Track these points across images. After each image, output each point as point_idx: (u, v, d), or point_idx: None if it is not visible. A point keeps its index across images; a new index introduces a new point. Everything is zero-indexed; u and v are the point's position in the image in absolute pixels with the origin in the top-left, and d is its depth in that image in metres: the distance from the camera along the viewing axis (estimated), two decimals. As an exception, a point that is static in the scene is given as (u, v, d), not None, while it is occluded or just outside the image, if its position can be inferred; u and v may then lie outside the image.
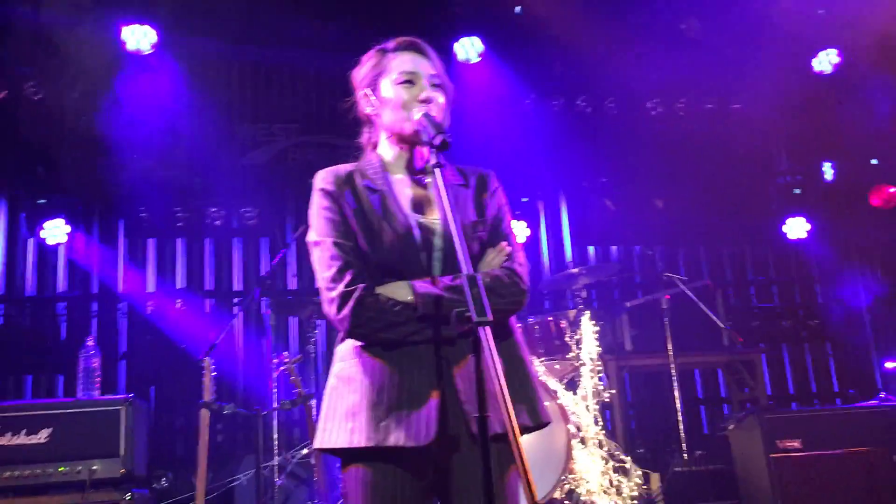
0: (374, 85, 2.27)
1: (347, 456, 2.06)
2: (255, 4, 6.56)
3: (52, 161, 6.85)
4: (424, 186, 2.22)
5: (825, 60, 7.40)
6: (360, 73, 2.32)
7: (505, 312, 2.10)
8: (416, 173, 2.25)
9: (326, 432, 2.06)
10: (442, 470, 2.03)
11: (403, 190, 2.21)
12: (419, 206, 2.18)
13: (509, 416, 1.67)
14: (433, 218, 2.15)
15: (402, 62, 2.22)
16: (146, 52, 6.33)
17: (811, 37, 7.20)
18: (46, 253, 7.09)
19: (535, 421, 2.11)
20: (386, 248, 2.08)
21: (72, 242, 6.89)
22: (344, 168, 2.24)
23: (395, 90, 2.20)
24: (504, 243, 2.18)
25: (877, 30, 6.71)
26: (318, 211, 2.17)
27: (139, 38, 6.28)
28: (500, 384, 1.69)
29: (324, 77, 7.63)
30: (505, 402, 1.68)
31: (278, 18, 6.63)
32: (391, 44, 2.29)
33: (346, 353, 2.12)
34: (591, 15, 6.73)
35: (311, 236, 2.16)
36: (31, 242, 7.07)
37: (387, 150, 2.28)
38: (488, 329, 1.74)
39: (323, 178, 2.21)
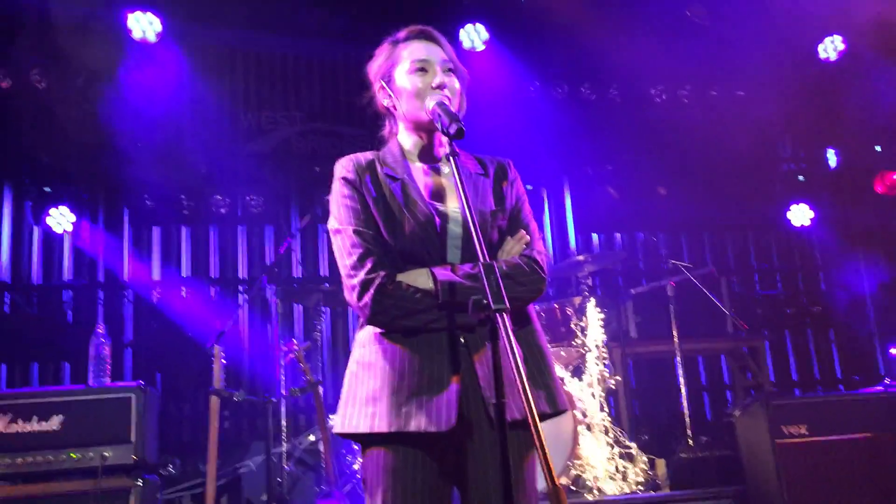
0: (388, 76, 2.28)
1: (368, 441, 2.08)
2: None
3: (57, 149, 6.86)
4: (445, 175, 2.24)
5: (830, 47, 7.40)
6: (375, 66, 2.33)
7: (524, 300, 2.12)
8: (435, 161, 2.26)
9: (347, 417, 2.08)
10: (460, 456, 2.05)
11: (423, 178, 2.22)
12: (438, 194, 2.19)
13: (528, 402, 1.67)
14: (452, 206, 2.16)
15: (414, 50, 2.23)
16: (151, 41, 6.32)
17: (816, 23, 7.19)
18: (52, 241, 7.12)
19: (553, 408, 2.13)
20: (407, 236, 2.09)
21: (77, 230, 6.91)
22: (364, 156, 2.25)
23: (409, 79, 2.21)
24: (523, 232, 2.19)
25: (882, 17, 6.70)
26: (338, 199, 2.18)
27: (144, 26, 6.28)
28: (518, 370, 1.69)
29: (329, 66, 7.64)
30: (524, 388, 1.68)
31: (284, 6, 6.62)
32: (402, 33, 2.30)
33: (366, 339, 2.13)
34: (595, 1, 6.72)
35: (332, 224, 2.18)
36: (36, 230, 7.09)
37: (406, 139, 2.29)
38: (506, 316, 1.74)
39: (343, 167, 2.22)
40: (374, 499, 2.03)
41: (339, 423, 2.10)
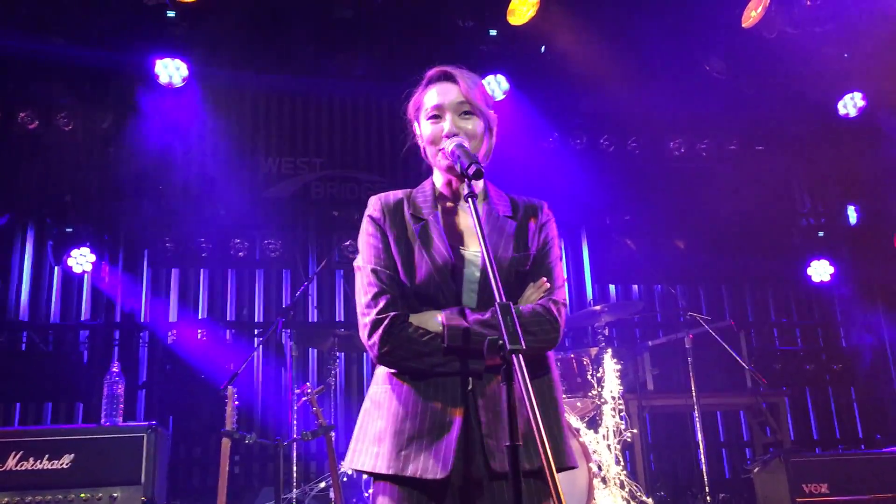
0: (417, 120, 2.30)
1: (374, 477, 2.09)
2: (286, 38, 6.67)
3: (80, 190, 6.97)
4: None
5: (850, 104, 7.41)
6: (409, 108, 2.34)
7: (537, 350, 2.09)
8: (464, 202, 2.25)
9: (356, 453, 2.09)
10: (466, 503, 2.00)
11: (452, 219, 2.21)
12: (461, 236, 2.18)
13: (543, 448, 1.63)
14: (472, 249, 2.15)
15: (431, 96, 2.23)
16: (177, 86, 6.43)
17: (836, 80, 7.21)
18: (71, 281, 7.16)
19: (560, 463, 2.07)
20: (423, 277, 2.09)
21: (97, 271, 6.96)
22: (394, 195, 2.26)
23: (426, 126, 2.22)
24: (544, 279, 2.16)
25: (902, 74, 6.73)
26: (364, 237, 2.20)
27: (171, 71, 6.39)
28: (534, 415, 1.65)
29: (350, 110, 7.75)
30: (539, 435, 1.64)
31: (307, 51, 6.72)
32: (428, 74, 2.30)
33: (380, 378, 2.14)
34: (615, 55, 6.78)
35: (357, 261, 2.20)
36: (56, 270, 7.14)
37: (438, 178, 2.29)
38: (521, 358, 1.72)
39: (372, 205, 2.24)
40: None
41: (349, 457, 2.12)
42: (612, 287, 8.16)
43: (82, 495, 3.99)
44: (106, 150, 6.94)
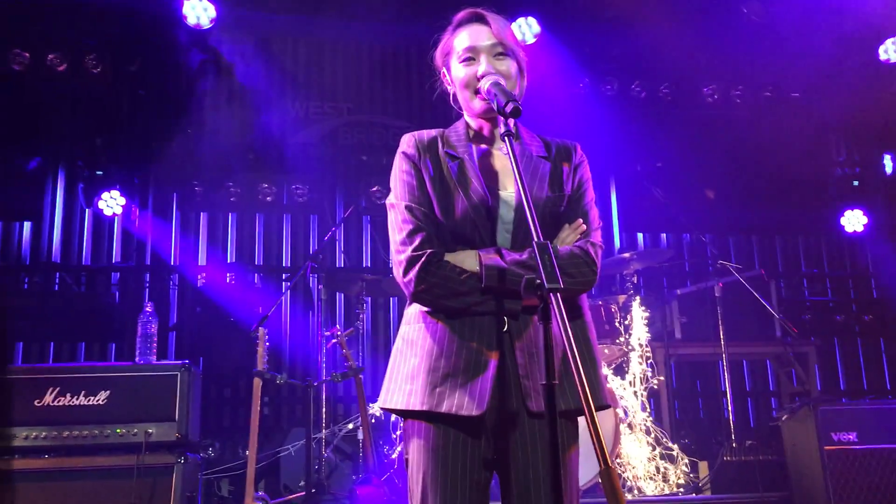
0: (447, 65, 2.27)
1: (407, 416, 2.08)
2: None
3: (110, 134, 6.99)
4: (506, 156, 2.20)
5: (892, 49, 7.18)
6: (438, 53, 2.30)
7: (574, 291, 2.07)
8: (497, 144, 2.22)
9: (389, 392, 2.09)
10: (500, 443, 2.02)
11: (486, 160, 2.18)
12: (496, 176, 2.15)
13: (583, 388, 1.60)
14: (508, 189, 2.12)
15: (463, 39, 2.19)
16: (205, 27, 6.37)
17: (878, 24, 6.99)
18: (102, 224, 7.24)
19: (597, 402, 2.05)
20: (459, 216, 2.07)
21: (127, 214, 7.02)
22: (428, 133, 2.23)
23: (459, 69, 2.19)
24: (580, 220, 2.14)
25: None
26: (397, 174, 2.17)
27: (199, 13, 6.33)
28: (573, 355, 1.63)
29: (377, 53, 7.66)
30: (578, 374, 1.62)
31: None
32: (457, 17, 2.26)
33: (412, 317, 2.12)
34: (648, -4, 6.62)
35: (389, 198, 2.17)
36: (87, 213, 7.21)
37: (471, 120, 2.26)
38: (559, 296, 1.70)
39: (406, 142, 2.21)
40: (416, 479, 2.02)
41: (382, 397, 2.12)
42: (640, 235, 8.11)
43: (118, 430, 4.07)
44: (135, 92, 6.92)
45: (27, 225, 7.16)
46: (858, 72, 7.41)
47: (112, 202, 6.81)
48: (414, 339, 2.08)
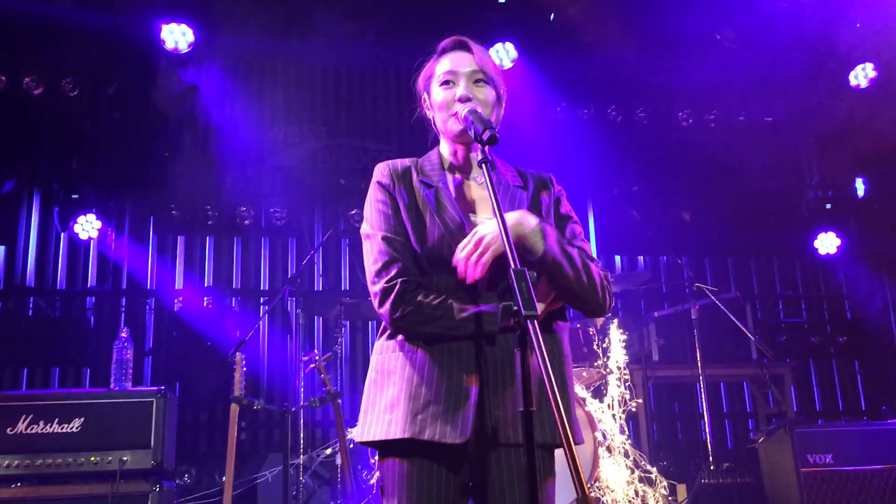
0: (427, 89, 2.30)
1: (385, 449, 2.06)
2: (294, 4, 6.59)
3: (86, 157, 6.94)
4: (481, 185, 2.22)
5: (861, 74, 7.33)
6: (420, 79, 2.34)
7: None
8: (472, 172, 2.25)
9: (366, 426, 2.07)
10: (478, 471, 2.01)
11: (459, 188, 2.20)
12: (471, 204, 2.17)
13: (560, 415, 1.58)
14: (484, 216, 2.14)
15: (444, 64, 2.23)
16: (184, 51, 6.37)
17: (848, 50, 7.13)
18: (77, 247, 7.17)
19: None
20: (435, 241, 2.07)
21: (103, 237, 6.96)
22: (402, 162, 2.25)
23: (438, 92, 2.21)
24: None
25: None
26: (372, 203, 2.18)
27: (178, 37, 6.33)
28: (551, 384, 1.60)
29: (356, 78, 7.69)
30: (556, 404, 1.59)
31: (316, 15, 6.64)
32: (441, 45, 2.30)
33: (386, 347, 2.12)
34: (625, 22, 6.71)
35: (364, 228, 2.18)
36: (63, 236, 7.15)
37: (445, 148, 2.28)
38: (536, 323, 1.70)
39: (380, 171, 2.22)
40: None
41: (359, 431, 2.10)
42: (617, 258, 8.16)
43: (92, 458, 4.02)
44: (112, 115, 6.89)
45: (1, 248, 7.07)
46: (830, 97, 7.55)
47: (88, 226, 6.75)
48: (391, 368, 2.07)
